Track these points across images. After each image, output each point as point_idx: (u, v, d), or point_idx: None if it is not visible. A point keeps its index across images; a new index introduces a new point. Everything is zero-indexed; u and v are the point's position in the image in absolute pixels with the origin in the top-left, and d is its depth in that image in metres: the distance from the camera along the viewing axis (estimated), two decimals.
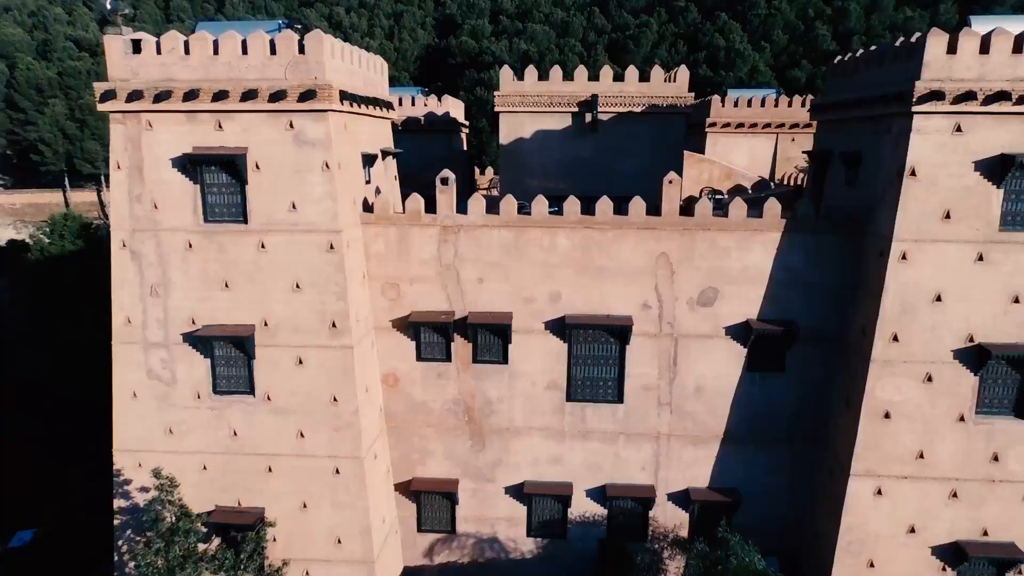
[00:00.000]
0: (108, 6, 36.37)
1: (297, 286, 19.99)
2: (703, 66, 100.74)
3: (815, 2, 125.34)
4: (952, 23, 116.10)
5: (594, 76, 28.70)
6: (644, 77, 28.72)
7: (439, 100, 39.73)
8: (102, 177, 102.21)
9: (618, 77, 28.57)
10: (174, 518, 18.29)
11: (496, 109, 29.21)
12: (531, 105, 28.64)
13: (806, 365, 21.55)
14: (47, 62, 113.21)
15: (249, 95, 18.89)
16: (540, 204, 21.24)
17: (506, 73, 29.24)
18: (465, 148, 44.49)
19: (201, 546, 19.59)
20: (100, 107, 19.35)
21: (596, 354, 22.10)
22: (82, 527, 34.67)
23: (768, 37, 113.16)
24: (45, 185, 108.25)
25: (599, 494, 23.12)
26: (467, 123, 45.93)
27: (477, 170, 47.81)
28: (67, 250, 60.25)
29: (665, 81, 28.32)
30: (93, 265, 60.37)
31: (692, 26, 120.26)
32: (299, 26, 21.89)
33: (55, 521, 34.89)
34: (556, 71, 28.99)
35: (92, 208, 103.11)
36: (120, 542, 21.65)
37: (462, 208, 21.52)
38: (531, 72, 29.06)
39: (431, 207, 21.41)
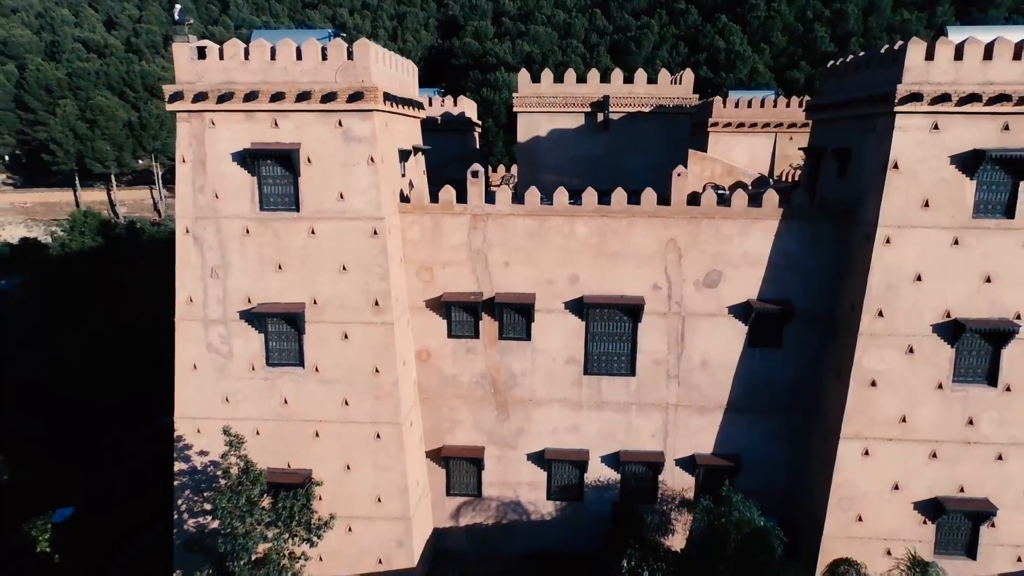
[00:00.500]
0: (176, 18, 38.79)
1: (344, 268, 22.42)
2: (704, 67, 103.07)
3: (814, 4, 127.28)
4: (949, 25, 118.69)
5: (605, 79, 31.14)
6: (652, 79, 31.19)
7: (455, 101, 42.16)
8: (112, 176, 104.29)
9: (628, 79, 30.99)
10: (240, 470, 20.62)
11: (514, 109, 31.66)
12: (547, 106, 31.10)
13: (801, 340, 24.01)
14: (56, 63, 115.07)
15: (303, 96, 21.34)
16: (561, 195, 23.72)
17: (523, 76, 31.66)
18: (478, 146, 46.95)
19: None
20: (168, 107, 21.74)
21: (611, 331, 24.55)
22: (115, 503, 37.11)
23: (767, 39, 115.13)
24: (54, 184, 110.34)
25: (613, 460, 25.56)
26: (479, 123, 48.36)
27: (490, 167, 50.21)
28: (87, 246, 62.39)
29: (672, 83, 30.79)
30: (112, 260, 62.80)
31: (692, 28, 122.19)
32: (344, 35, 24.24)
33: (89, 499, 36.99)
34: (570, 74, 31.43)
35: (103, 207, 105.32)
36: (180, 501, 24.06)
37: (489, 199, 23.98)
38: (547, 75, 31.49)
39: (460, 198, 23.88)
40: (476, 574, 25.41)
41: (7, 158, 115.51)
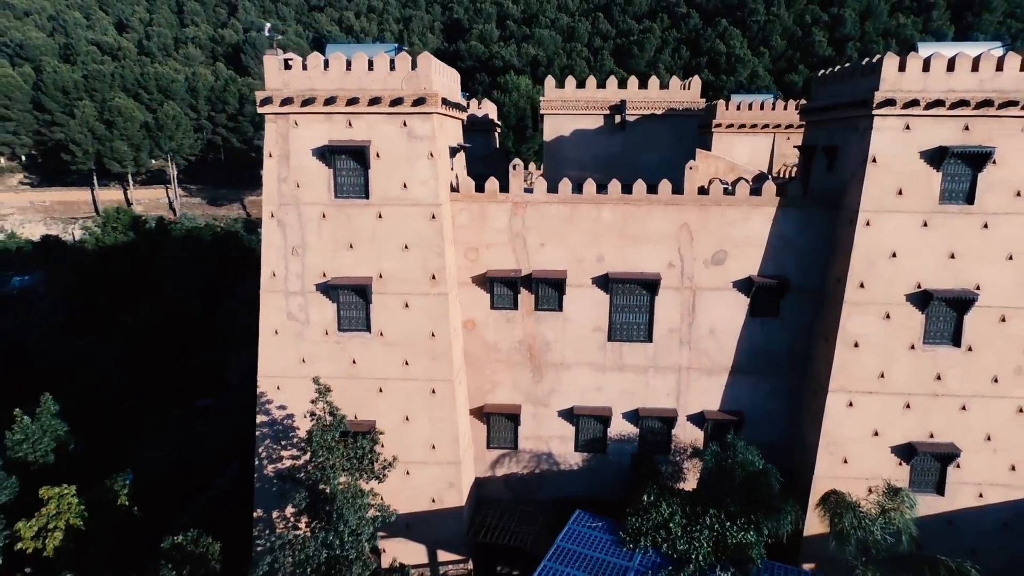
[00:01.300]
0: (267, 33, 42.97)
1: (406, 247, 26.74)
2: (705, 71, 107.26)
3: (812, 9, 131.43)
4: (943, 30, 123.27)
5: (623, 84, 35.46)
6: (664, 85, 35.55)
7: (479, 103, 46.49)
8: (129, 176, 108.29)
9: (642, 85, 35.32)
10: (327, 416, 24.80)
11: (541, 112, 35.98)
12: (570, 108, 35.43)
13: (795, 310, 28.35)
14: (71, 65, 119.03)
15: (374, 101, 25.66)
16: (589, 186, 28.07)
17: (549, 82, 35.99)
18: (498, 146, 51.29)
19: None
20: (260, 110, 26.03)
21: (631, 303, 28.86)
22: (170, 469, 41.34)
23: (767, 42, 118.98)
24: (69, 184, 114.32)
25: (632, 416, 29.84)
26: (499, 123, 52.72)
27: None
28: (120, 241, 66.42)
29: (682, 88, 35.18)
30: (144, 254, 66.97)
31: (694, 31, 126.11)
32: (406, 48, 28.50)
33: (147, 466, 41.01)
34: (591, 80, 35.73)
35: (119, 205, 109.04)
36: (260, 448, 28.29)
37: (527, 188, 28.31)
38: (570, 81, 35.81)
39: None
40: (512, 517, 29.59)
41: (23, 158, 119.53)
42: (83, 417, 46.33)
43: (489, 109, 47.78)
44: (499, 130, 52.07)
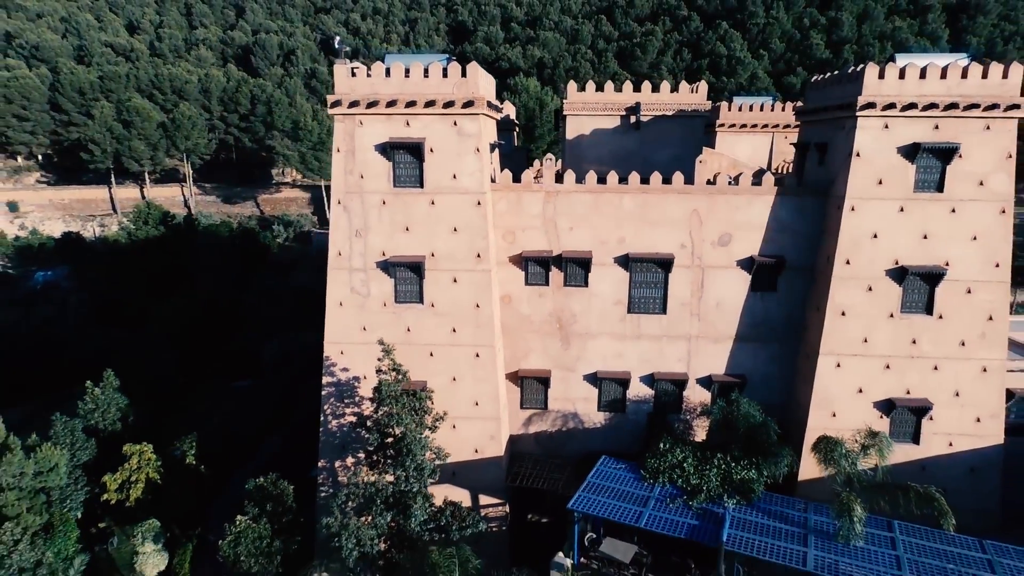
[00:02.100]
0: (336, 46, 47.55)
1: (455, 230, 31.43)
2: (706, 72, 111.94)
3: (810, 12, 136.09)
4: (938, 32, 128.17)
5: (637, 88, 40.23)
6: (674, 88, 40.34)
7: (501, 104, 51.20)
8: (145, 174, 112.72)
9: (655, 89, 40.10)
10: (391, 372, 29.40)
11: (564, 112, 40.76)
12: (590, 110, 40.21)
13: (791, 285, 33.06)
14: (86, 66, 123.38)
15: (429, 103, 30.37)
16: (612, 177, 32.80)
17: (572, 86, 40.75)
18: (516, 144, 56.01)
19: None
20: (330, 111, 30.71)
21: (648, 280, 33.56)
22: (223, 437, 45.84)
23: (766, 45, 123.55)
24: (85, 182, 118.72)
25: (648, 379, 34.53)
26: (517, 122, 57.47)
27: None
28: (151, 235, 70.92)
29: (691, 92, 39.98)
30: (175, 248, 71.49)
31: (695, 34, 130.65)
32: (454, 57, 33.13)
33: (205, 433, 45.37)
34: (609, 85, 40.51)
35: (136, 203, 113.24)
36: (326, 406, 32.92)
37: (558, 179, 33.07)
38: (590, 86, 40.57)
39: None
40: (543, 468, 34.23)
41: (40, 157, 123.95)
42: (135, 395, 50.83)
43: (509, 110, 52.48)
44: (517, 129, 56.80)
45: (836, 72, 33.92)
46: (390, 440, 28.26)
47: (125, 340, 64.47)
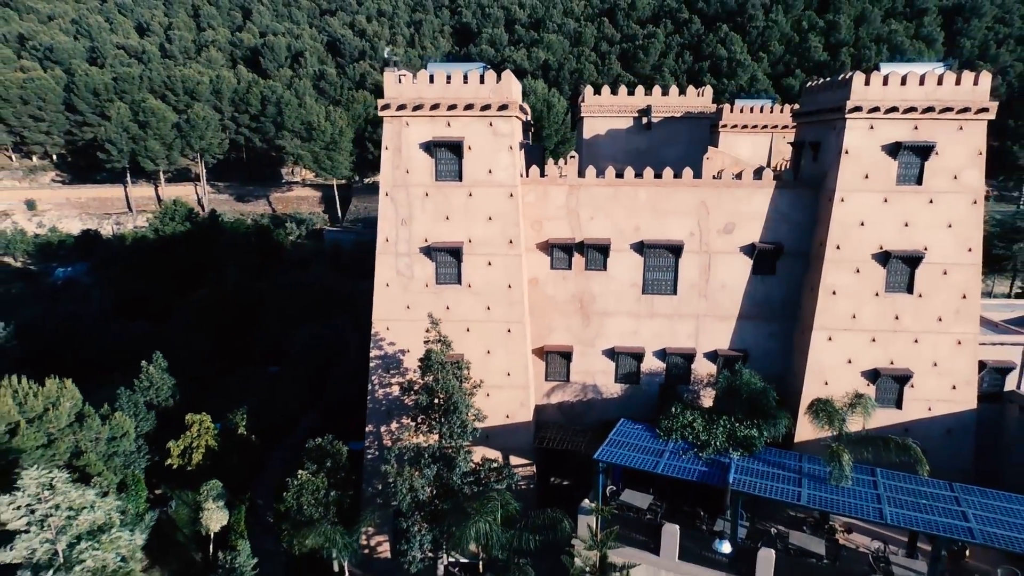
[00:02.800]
0: (386, 56, 52.20)
1: (490, 218, 35.90)
2: (707, 74, 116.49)
3: (809, 15, 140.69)
4: (933, 35, 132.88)
5: (648, 92, 44.80)
6: (682, 92, 44.89)
7: None
8: (160, 173, 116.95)
9: (664, 92, 44.67)
10: (436, 342, 33.78)
11: (581, 115, 45.30)
12: (605, 112, 44.72)
13: (788, 268, 37.56)
14: (100, 68, 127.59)
15: (468, 107, 34.85)
16: (629, 172, 37.33)
17: (588, 90, 45.29)
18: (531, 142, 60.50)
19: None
20: (380, 113, 35.16)
21: (660, 264, 38.04)
22: (264, 412, 50.06)
23: (766, 48, 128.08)
24: (99, 182, 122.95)
25: (661, 354, 39.00)
26: (533, 123, 61.99)
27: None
28: (178, 231, 75.24)
29: (697, 96, 44.53)
30: (200, 243, 75.81)
31: (696, 37, 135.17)
32: (489, 67, 37.56)
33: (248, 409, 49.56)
34: (623, 89, 45.03)
35: (149, 202, 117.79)
36: (374, 376, 37.35)
37: (580, 174, 37.57)
38: (606, 90, 45.11)
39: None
40: (566, 433, 38.67)
41: (54, 157, 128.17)
42: (179, 377, 55.14)
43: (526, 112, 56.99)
44: (532, 128, 61.34)
45: (828, 79, 38.46)
46: (437, 401, 32.60)
47: (149, 332, 68.65)
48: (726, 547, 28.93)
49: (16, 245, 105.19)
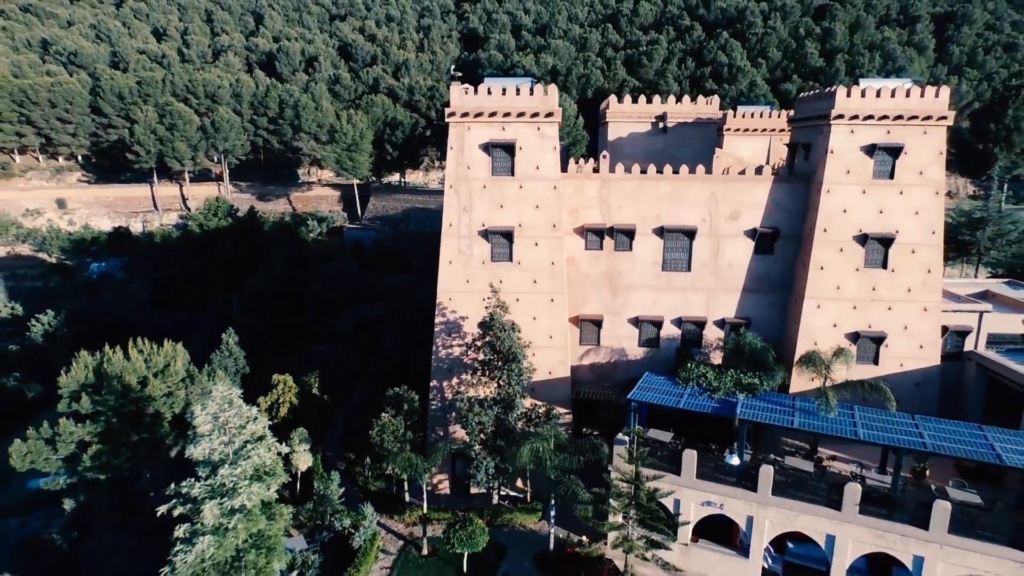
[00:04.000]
0: (451, 73, 60.23)
1: (536, 207, 44.36)
2: (709, 80, 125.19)
3: (805, 21, 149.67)
4: (925, 42, 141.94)
5: (664, 100, 53.42)
6: (693, 100, 53.56)
7: None
8: (185, 173, 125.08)
9: (678, 100, 53.29)
10: (497, 307, 42.08)
11: (607, 120, 53.92)
12: (627, 117, 53.34)
13: (784, 249, 46.14)
14: (124, 72, 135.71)
15: (520, 114, 43.37)
16: (651, 169, 45.90)
17: (613, 98, 53.92)
18: None
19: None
20: (447, 119, 43.60)
21: (677, 246, 46.57)
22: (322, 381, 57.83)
23: (764, 54, 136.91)
24: (123, 181, 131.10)
25: (677, 322, 47.51)
26: None
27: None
28: (221, 226, 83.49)
29: (706, 104, 53.20)
30: (241, 237, 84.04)
31: (697, 43, 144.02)
32: (536, 80, 46.02)
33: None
34: (642, 98, 53.69)
35: (175, 200, 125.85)
36: (438, 340, 45.70)
37: (611, 170, 46.12)
38: (627, 98, 53.77)
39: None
40: (598, 388, 47.10)
41: (79, 158, 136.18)
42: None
43: None
44: None
45: (817, 91, 47.16)
46: (498, 355, 40.99)
47: (188, 320, 76.71)
48: (735, 460, 37.40)
49: (52, 242, 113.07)
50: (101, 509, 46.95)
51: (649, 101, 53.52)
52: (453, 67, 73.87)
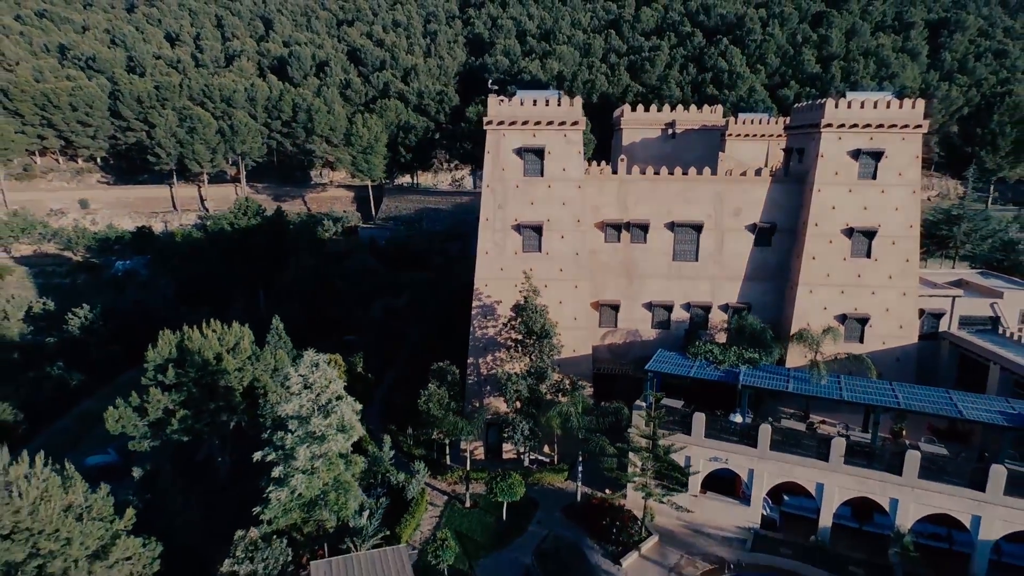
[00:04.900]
0: (490, 86, 66.93)
1: (563, 204, 51.41)
2: (710, 86, 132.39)
3: (803, 28, 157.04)
4: (918, 48, 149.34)
5: (673, 108, 60.63)
6: (699, 108, 60.79)
7: None
8: (204, 175, 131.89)
9: (686, 108, 60.49)
10: (530, 291, 49.03)
11: (621, 126, 61.09)
12: (640, 124, 60.50)
13: (781, 241, 53.32)
14: (140, 77, 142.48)
15: (549, 123, 50.49)
16: (663, 171, 53.07)
17: (627, 108, 61.10)
18: None
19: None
20: (485, 127, 50.65)
21: (686, 239, 53.71)
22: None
23: (763, 60, 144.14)
24: (141, 182, 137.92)
25: (686, 306, 54.61)
26: None
27: None
28: (250, 224, 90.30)
29: (710, 112, 60.42)
30: (271, 234, 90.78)
31: (698, 49, 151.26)
32: (562, 92, 53.02)
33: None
34: (653, 106, 60.88)
35: (193, 201, 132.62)
36: (475, 321, 52.71)
37: (628, 171, 53.32)
38: (640, 108, 60.94)
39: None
40: (615, 365, 54.15)
41: (98, 160, 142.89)
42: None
43: None
44: None
45: (809, 103, 54.42)
46: (531, 333, 48.02)
47: (215, 315, 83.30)
48: (738, 418, 44.50)
49: (78, 241, 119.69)
50: (165, 477, 53.73)
51: (659, 108, 60.77)
52: (490, 81, 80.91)
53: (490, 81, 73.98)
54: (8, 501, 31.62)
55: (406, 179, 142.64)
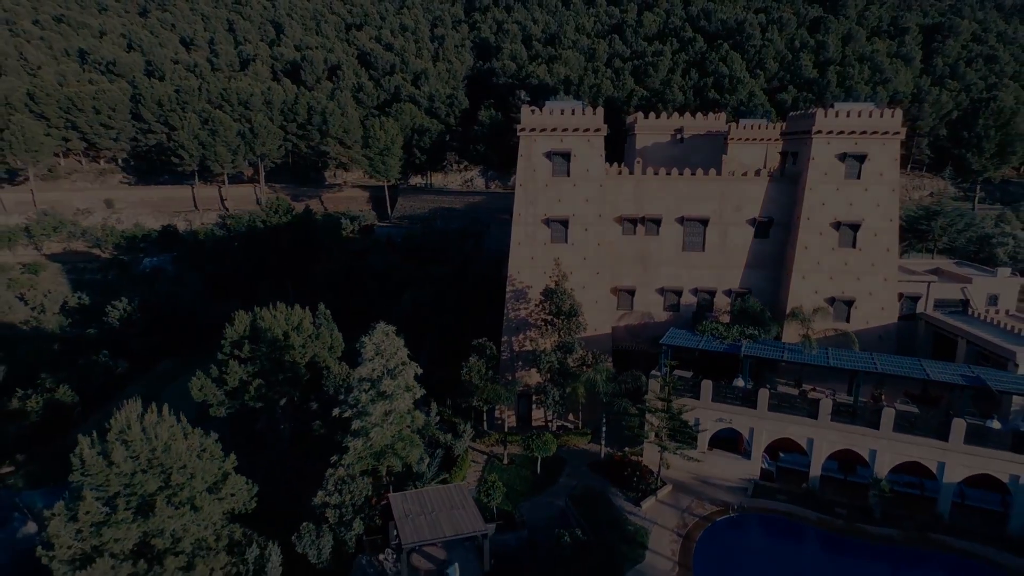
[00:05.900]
0: (522, 98, 75.83)
1: (587, 200, 59.99)
2: (711, 90, 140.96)
3: (801, 33, 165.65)
4: (912, 54, 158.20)
5: (682, 115, 69.30)
6: (704, 114, 69.48)
7: None
8: (225, 176, 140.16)
9: (693, 115, 69.17)
10: (560, 276, 57.47)
11: (635, 132, 69.76)
12: (652, 130, 69.21)
13: (777, 234, 61.97)
14: (160, 80, 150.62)
15: (575, 130, 59.11)
16: (674, 171, 61.74)
17: (640, 115, 69.77)
18: None
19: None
20: (519, 133, 59.18)
21: (694, 232, 62.33)
22: None
23: (762, 65, 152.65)
24: (162, 183, 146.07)
25: (694, 291, 63.22)
26: None
27: None
28: (282, 222, 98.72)
29: (715, 119, 69.13)
30: (304, 231, 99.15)
31: (700, 54, 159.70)
32: (588, 103, 61.44)
33: None
34: (664, 114, 69.56)
35: (213, 201, 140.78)
36: (508, 304, 61.18)
37: (643, 172, 61.97)
38: (652, 115, 69.63)
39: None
40: (631, 343, 62.71)
41: (119, 161, 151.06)
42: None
43: None
44: None
45: (802, 112, 63.18)
46: (560, 313, 56.52)
47: (243, 308, 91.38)
48: (741, 382, 53.11)
49: (106, 239, 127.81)
50: (226, 446, 61.98)
51: (666, 113, 69.39)
52: (522, 93, 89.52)
53: (521, 95, 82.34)
54: (146, 440, 39.85)
55: (419, 179, 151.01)
